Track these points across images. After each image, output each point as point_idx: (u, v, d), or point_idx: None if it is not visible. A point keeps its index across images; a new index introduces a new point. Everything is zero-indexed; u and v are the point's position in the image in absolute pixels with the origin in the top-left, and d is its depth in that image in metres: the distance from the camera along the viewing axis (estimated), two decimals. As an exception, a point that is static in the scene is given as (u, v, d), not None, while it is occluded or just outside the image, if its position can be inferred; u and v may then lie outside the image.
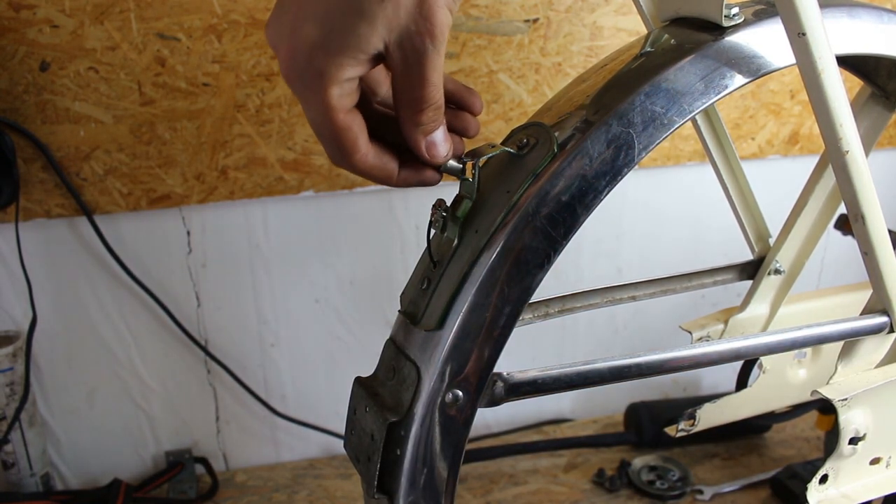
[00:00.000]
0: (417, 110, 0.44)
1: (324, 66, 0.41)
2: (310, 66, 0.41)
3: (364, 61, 0.42)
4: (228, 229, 0.98)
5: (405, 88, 0.44)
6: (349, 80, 0.42)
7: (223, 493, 1.05)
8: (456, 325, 0.46)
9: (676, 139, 1.06)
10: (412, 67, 0.42)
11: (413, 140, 0.46)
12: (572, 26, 0.96)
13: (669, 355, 0.52)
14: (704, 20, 0.52)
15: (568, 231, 0.47)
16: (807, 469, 1.00)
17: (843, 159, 0.52)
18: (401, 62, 0.42)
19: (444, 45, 0.42)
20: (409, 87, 0.43)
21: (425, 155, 0.46)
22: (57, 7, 0.82)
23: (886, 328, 0.58)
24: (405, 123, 0.45)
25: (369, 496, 0.50)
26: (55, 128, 0.88)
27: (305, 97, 0.43)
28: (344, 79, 0.42)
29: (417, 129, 0.45)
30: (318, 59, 0.41)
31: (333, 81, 0.42)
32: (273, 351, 1.06)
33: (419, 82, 0.43)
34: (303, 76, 0.42)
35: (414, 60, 0.42)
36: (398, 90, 0.44)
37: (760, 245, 0.76)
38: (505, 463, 1.09)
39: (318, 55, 0.41)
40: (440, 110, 0.45)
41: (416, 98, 0.44)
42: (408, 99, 0.44)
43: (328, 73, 0.41)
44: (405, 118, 0.45)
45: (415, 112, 0.45)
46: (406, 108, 0.45)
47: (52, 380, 1.00)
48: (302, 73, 0.42)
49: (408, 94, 0.44)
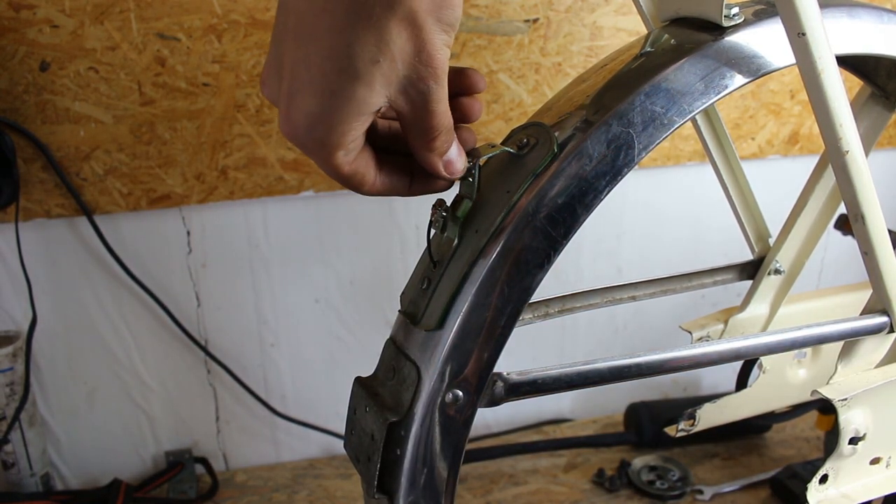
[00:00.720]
0: (429, 139, 0.44)
1: (325, 137, 0.41)
2: (310, 138, 0.41)
3: (366, 121, 0.41)
4: (228, 229, 0.98)
5: (414, 123, 0.43)
6: (353, 140, 0.42)
7: (223, 493, 1.05)
8: (456, 325, 0.46)
9: (676, 139, 1.06)
10: (419, 108, 0.42)
11: (428, 163, 0.45)
12: (572, 26, 0.96)
13: (669, 355, 0.52)
14: (704, 20, 0.52)
15: (568, 231, 0.47)
16: (807, 469, 1.00)
17: (843, 159, 0.52)
18: (407, 106, 0.42)
19: (445, 76, 0.42)
20: (417, 121, 0.43)
21: (443, 173, 0.46)
22: (57, 7, 0.82)
23: (886, 328, 0.58)
24: (418, 151, 0.45)
25: (369, 496, 0.50)
26: (55, 128, 0.88)
27: (311, 157, 0.43)
28: (349, 143, 0.41)
29: (432, 154, 0.45)
30: (319, 131, 0.41)
31: (338, 148, 0.41)
32: (273, 351, 1.06)
33: (427, 116, 0.43)
34: (305, 146, 0.42)
35: (420, 103, 0.42)
36: (407, 125, 0.44)
37: (760, 245, 0.76)
38: (505, 463, 1.09)
39: (318, 127, 0.40)
40: (451, 131, 0.45)
41: (426, 129, 0.43)
42: (418, 131, 0.44)
43: (331, 142, 0.41)
44: (418, 146, 0.45)
45: (427, 140, 0.44)
46: (417, 138, 0.44)
47: (52, 380, 1.00)
48: (304, 143, 0.42)
49: (418, 127, 0.44)
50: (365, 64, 0.39)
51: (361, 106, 0.40)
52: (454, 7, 0.40)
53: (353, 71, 0.39)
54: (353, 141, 0.42)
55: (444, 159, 0.46)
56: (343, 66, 0.39)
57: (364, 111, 0.40)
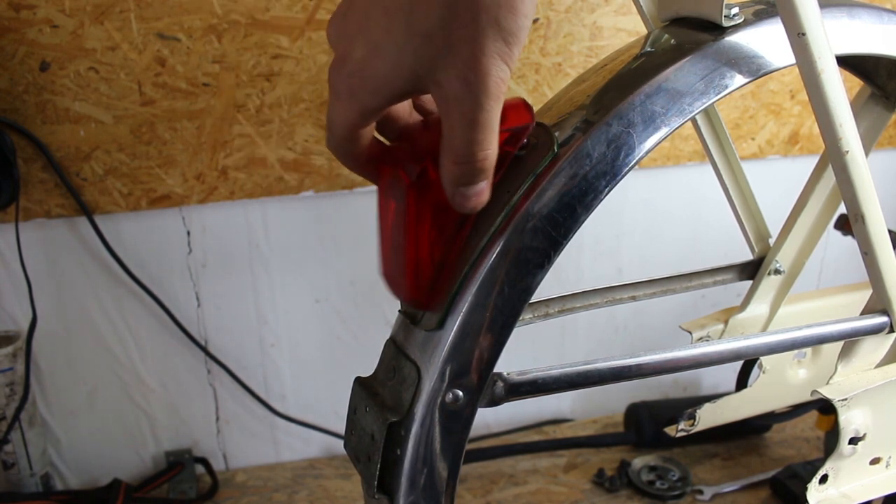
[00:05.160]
0: (453, 160, 0.41)
1: (357, 89, 0.40)
2: (345, 85, 0.41)
3: (387, 100, 0.40)
4: (228, 229, 0.98)
5: (448, 132, 0.41)
6: (372, 109, 0.41)
7: (223, 493, 1.05)
8: (456, 325, 0.46)
9: (676, 139, 1.06)
10: (454, 116, 0.39)
11: (444, 185, 0.43)
12: (572, 26, 0.96)
13: (669, 355, 0.52)
14: (704, 20, 0.52)
15: (568, 231, 0.47)
16: (807, 469, 1.00)
17: (843, 159, 0.52)
18: (444, 105, 0.40)
19: (494, 91, 0.38)
20: (450, 131, 0.40)
21: (453, 201, 0.43)
22: (57, 7, 0.82)
23: (886, 328, 0.58)
24: (441, 167, 0.42)
25: (369, 496, 0.50)
26: (55, 128, 0.88)
27: (334, 101, 0.42)
28: (375, 104, 0.41)
29: (449, 178, 0.42)
30: (355, 80, 0.40)
31: (362, 104, 0.41)
32: (273, 351, 1.06)
33: (462, 132, 0.40)
34: (337, 90, 0.41)
35: (458, 110, 0.39)
36: (443, 131, 0.41)
37: (760, 245, 0.76)
38: (505, 463, 1.09)
39: (355, 76, 0.40)
40: (484, 173, 0.42)
41: (454, 146, 0.41)
42: (447, 142, 0.41)
43: (358, 96, 0.41)
44: (442, 162, 0.42)
45: (450, 161, 0.41)
46: (444, 153, 0.42)
47: (52, 380, 1.00)
48: (337, 87, 0.41)
49: (448, 138, 0.41)
50: (413, 33, 0.37)
51: (396, 72, 0.39)
52: (517, 14, 0.37)
53: (400, 35, 0.38)
54: (379, 102, 0.41)
55: (458, 191, 0.43)
56: (393, 27, 0.38)
57: (396, 79, 0.39)
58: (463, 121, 0.39)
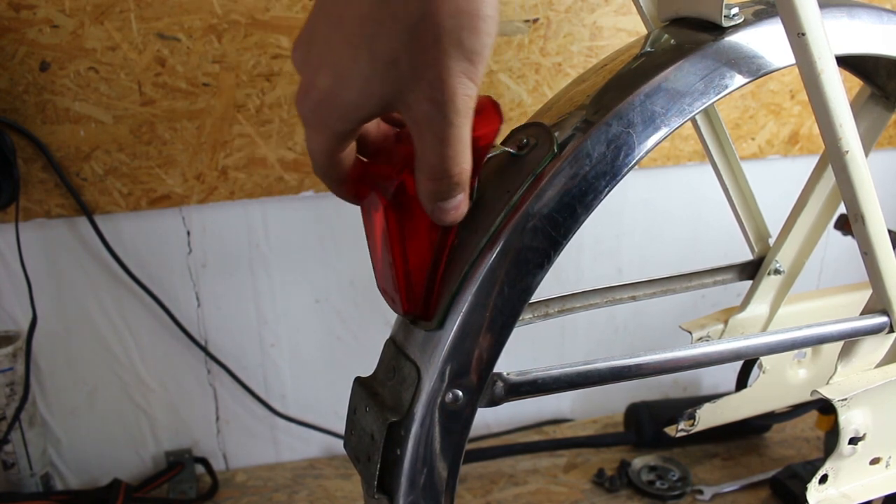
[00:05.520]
0: (428, 177, 0.42)
1: (326, 118, 0.41)
2: (314, 115, 0.41)
3: (357, 123, 0.41)
4: (228, 229, 0.98)
5: (421, 151, 0.41)
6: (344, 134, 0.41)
7: (223, 493, 1.05)
8: (456, 325, 0.46)
9: (676, 139, 1.06)
10: (426, 136, 0.40)
11: (422, 201, 0.43)
12: (572, 26, 0.96)
13: (669, 355, 0.52)
14: (704, 20, 0.52)
15: (568, 231, 0.47)
16: (807, 469, 1.00)
17: (843, 159, 0.52)
18: (415, 127, 0.40)
19: (462, 110, 0.39)
20: (423, 151, 0.41)
21: (431, 216, 0.44)
22: (57, 7, 0.82)
23: (886, 328, 0.58)
24: (417, 184, 0.43)
25: (369, 496, 0.50)
26: (55, 128, 0.88)
27: (307, 130, 0.43)
28: (344, 130, 0.41)
29: (427, 193, 0.43)
30: (323, 110, 0.40)
31: (329, 132, 0.41)
32: (273, 351, 1.06)
33: (434, 150, 0.40)
34: (307, 120, 0.42)
35: (429, 130, 0.40)
36: (416, 149, 0.42)
37: (760, 245, 0.76)
38: (505, 463, 1.09)
39: (323, 106, 0.40)
40: (460, 186, 0.42)
41: (429, 164, 0.41)
42: (422, 162, 0.42)
43: (329, 124, 0.41)
44: (418, 179, 0.43)
45: (426, 178, 0.42)
46: (420, 170, 0.42)
47: (52, 380, 1.00)
48: (306, 118, 0.41)
49: (421, 157, 0.41)
50: (378, 60, 0.38)
51: (364, 100, 0.39)
52: (479, 33, 0.38)
53: (365, 63, 0.38)
54: (350, 127, 0.41)
55: (438, 205, 0.43)
56: (358, 55, 0.38)
57: (365, 105, 0.40)
58: (435, 139, 0.40)
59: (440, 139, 0.40)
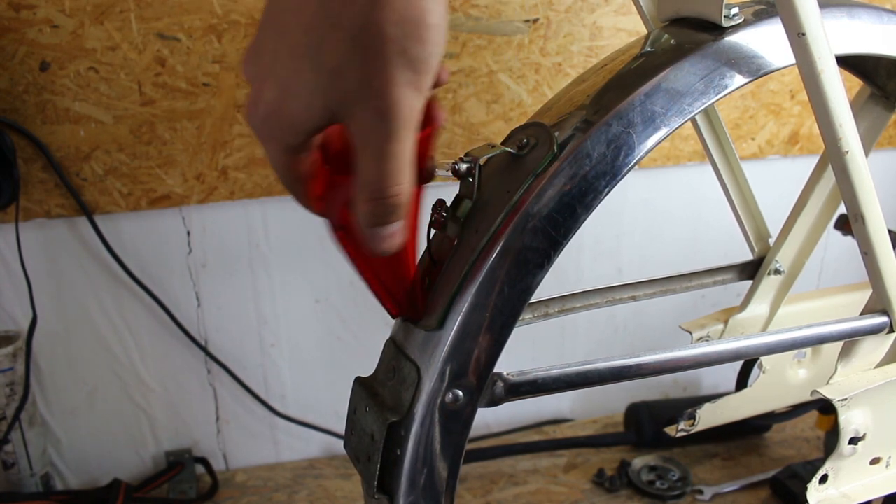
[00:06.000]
0: (365, 198, 0.40)
1: (275, 130, 0.40)
2: (263, 128, 0.40)
3: (306, 135, 0.39)
4: (228, 229, 0.98)
5: (360, 167, 0.39)
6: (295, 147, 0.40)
7: (223, 493, 1.05)
8: (456, 325, 0.46)
9: (676, 139, 1.06)
10: (366, 149, 0.39)
11: (360, 225, 0.42)
12: (572, 26, 0.96)
13: (669, 355, 0.52)
14: (704, 20, 0.52)
15: (568, 231, 0.47)
16: (807, 469, 1.00)
17: (843, 159, 0.52)
18: (357, 139, 0.39)
19: (406, 122, 0.38)
20: (363, 166, 0.39)
21: (366, 241, 0.42)
22: (57, 7, 0.82)
23: (886, 328, 0.58)
24: (355, 204, 0.41)
25: (369, 496, 0.50)
26: (55, 128, 0.88)
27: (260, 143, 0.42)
28: (294, 142, 0.40)
29: (361, 218, 0.41)
30: (271, 123, 0.39)
31: (283, 144, 0.40)
32: (273, 351, 1.06)
33: (373, 165, 0.39)
34: (259, 133, 0.41)
35: (369, 143, 0.38)
36: (358, 169, 0.40)
37: (760, 245, 0.76)
38: (505, 463, 1.09)
39: (271, 119, 0.39)
40: (397, 211, 0.40)
41: (367, 181, 0.40)
42: (361, 178, 0.40)
43: (279, 136, 0.40)
44: (356, 199, 0.41)
45: (363, 199, 0.40)
46: (360, 187, 0.40)
47: (52, 380, 1.00)
48: (258, 131, 0.40)
49: (361, 174, 0.40)
50: (321, 71, 0.37)
51: (309, 111, 0.38)
52: (424, 42, 0.36)
53: (308, 74, 0.37)
54: (299, 140, 0.40)
55: (372, 231, 0.41)
56: (301, 66, 0.37)
57: (311, 118, 0.38)
58: (376, 152, 0.38)
59: (382, 151, 0.38)
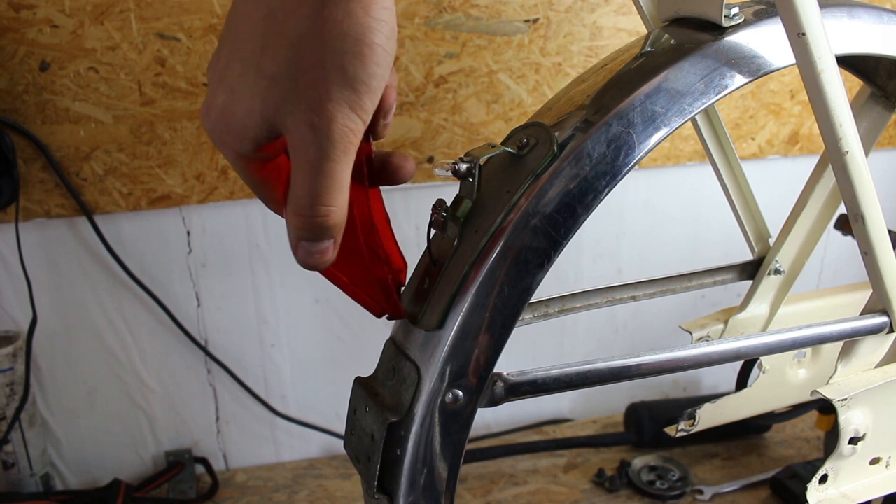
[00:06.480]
0: (293, 211, 0.39)
1: (225, 136, 0.39)
2: (214, 133, 0.39)
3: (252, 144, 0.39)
4: (228, 229, 0.98)
5: (292, 181, 0.38)
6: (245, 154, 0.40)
7: (223, 493, 1.05)
8: (456, 325, 0.46)
9: (676, 139, 1.06)
10: (301, 163, 0.37)
11: (288, 234, 0.40)
12: (572, 26, 0.96)
13: (669, 355, 0.52)
14: (704, 20, 0.52)
15: (568, 231, 0.47)
16: (807, 469, 1.00)
17: (843, 159, 0.52)
18: (290, 151, 0.38)
19: (338, 147, 0.37)
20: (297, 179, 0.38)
21: (294, 254, 0.41)
22: (57, 7, 0.82)
23: (886, 328, 0.58)
24: (286, 216, 0.40)
25: (369, 496, 0.50)
26: (55, 128, 0.88)
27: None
28: (242, 148, 0.39)
29: (291, 228, 0.40)
30: (220, 128, 0.39)
31: (234, 150, 0.40)
32: (273, 351, 1.06)
33: (306, 180, 0.37)
34: (213, 139, 0.40)
35: (300, 154, 0.37)
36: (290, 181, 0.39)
37: (760, 245, 0.76)
38: (505, 463, 1.09)
39: (220, 124, 0.39)
40: (326, 231, 0.39)
41: (297, 195, 0.38)
42: (291, 193, 0.39)
43: (228, 142, 0.39)
44: (287, 211, 0.40)
45: (291, 210, 0.39)
46: (289, 201, 0.39)
47: (52, 380, 1.00)
48: (212, 136, 0.40)
49: (292, 189, 0.39)
50: (261, 78, 0.36)
51: (250, 119, 0.37)
52: (365, 61, 0.36)
53: (251, 81, 0.37)
54: (247, 147, 0.39)
55: (300, 245, 0.40)
56: (246, 72, 0.37)
57: (252, 126, 0.38)
58: (307, 168, 0.37)
59: (313, 169, 0.37)
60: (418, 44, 0.92)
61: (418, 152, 0.98)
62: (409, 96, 0.94)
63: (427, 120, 0.96)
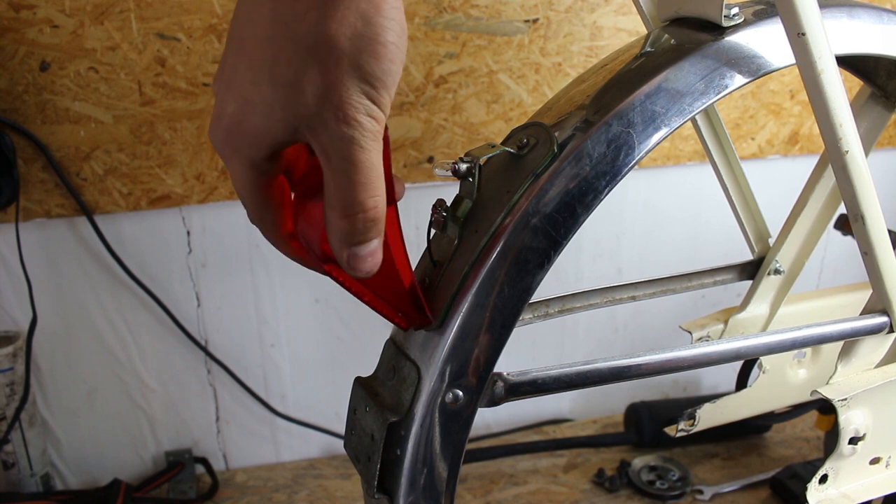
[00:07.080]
0: (340, 215, 0.39)
1: (237, 146, 0.39)
2: (224, 144, 0.39)
3: (269, 150, 0.39)
4: (228, 229, 0.98)
5: (330, 186, 0.38)
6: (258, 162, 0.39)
7: (223, 493, 1.05)
8: (456, 325, 0.46)
9: (676, 139, 1.06)
10: (336, 167, 0.37)
11: (332, 245, 0.40)
12: (572, 26, 0.96)
13: (669, 355, 0.52)
14: (704, 20, 0.52)
15: (568, 231, 0.47)
16: (807, 469, 1.00)
17: (843, 159, 0.52)
18: (323, 156, 0.38)
19: (368, 137, 0.37)
20: (333, 185, 0.38)
21: (342, 264, 0.40)
22: (57, 7, 0.82)
23: (886, 328, 0.58)
24: (328, 226, 0.40)
25: (369, 496, 0.50)
26: (55, 128, 0.88)
27: (224, 162, 0.41)
28: (255, 159, 0.39)
29: (337, 238, 0.39)
30: (233, 138, 0.39)
31: (243, 161, 0.39)
32: (273, 351, 1.06)
33: (344, 183, 0.38)
34: (220, 150, 0.40)
35: (337, 160, 0.37)
36: (326, 185, 0.39)
37: (760, 245, 0.76)
38: (505, 463, 1.09)
39: (232, 134, 0.39)
40: (375, 225, 0.39)
41: (340, 199, 0.38)
42: (331, 197, 0.38)
43: (240, 150, 0.39)
44: (329, 220, 0.39)
45: (337, 216, 0.39)
46: (330, 207, 0.39)
47: (52, 380, 1.00)
48: (219, 148, 0.40)
49: (331, 193, 0.38)
50: (278, 85, 0.36)
51: (269, 125, 0.37)
52: (380, 59, 0.36)
53: (266, 88, 0.37)
54: (263, 154, 0.39)
55: (351, 251, 0.40)
56: (259, 79, 0.37)
57: (271, 131, 0.38)
58: (343, 164, 0.37)
59: (350, 164, 0.37)
60: (418, 44, 0.92)
61: (418, 152, 0.98)
62: (409, 96, 0.94)
63: (427, 120, 0.96)
